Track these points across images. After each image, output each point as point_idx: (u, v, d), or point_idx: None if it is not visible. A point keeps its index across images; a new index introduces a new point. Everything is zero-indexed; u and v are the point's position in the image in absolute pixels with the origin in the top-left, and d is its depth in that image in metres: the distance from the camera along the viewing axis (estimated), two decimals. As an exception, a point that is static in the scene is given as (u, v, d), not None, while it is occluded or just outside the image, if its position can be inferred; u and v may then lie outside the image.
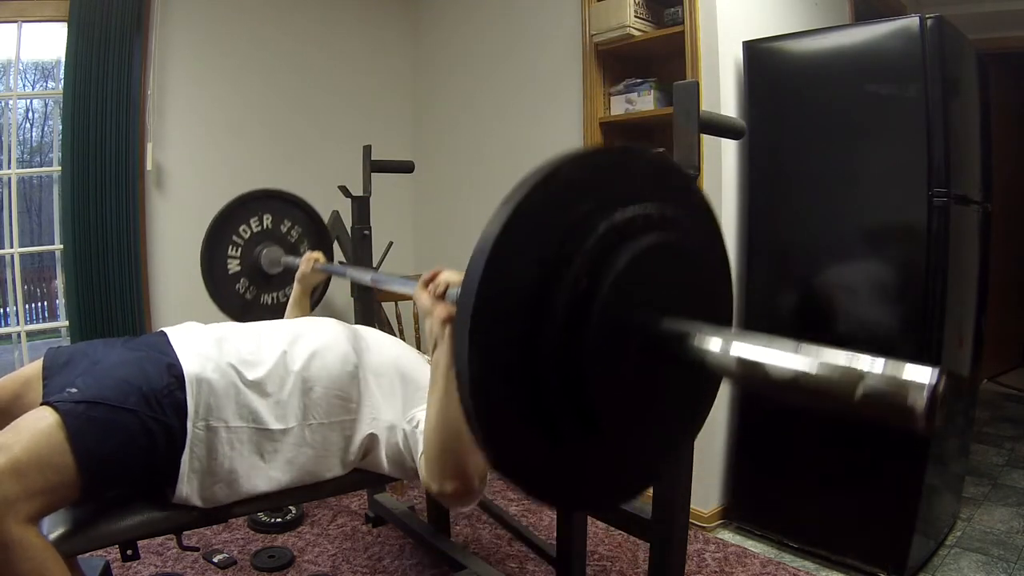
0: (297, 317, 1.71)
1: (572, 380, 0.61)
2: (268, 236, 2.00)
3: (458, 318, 0.59)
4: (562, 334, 0.61)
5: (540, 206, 0.61)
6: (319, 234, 2.10)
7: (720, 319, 0.75)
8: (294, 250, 2.03)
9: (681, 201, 0.74)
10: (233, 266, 1.94)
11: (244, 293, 1.97)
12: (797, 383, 0.55)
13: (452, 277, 0.99)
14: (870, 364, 0.52)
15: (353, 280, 1.64)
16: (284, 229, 2.03)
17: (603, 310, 0.62)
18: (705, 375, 0.67)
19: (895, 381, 0.51)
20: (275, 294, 2.03)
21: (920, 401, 0.49)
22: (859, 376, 0.52)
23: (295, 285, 1.77)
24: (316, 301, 1.93)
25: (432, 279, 1.01)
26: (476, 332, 0.58)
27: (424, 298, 1.01)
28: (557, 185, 0.63)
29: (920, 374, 0.50)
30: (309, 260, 1.76)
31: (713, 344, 0.61)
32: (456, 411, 0.98)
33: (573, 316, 0.61)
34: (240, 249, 1.95)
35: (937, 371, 0.50)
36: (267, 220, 2.00)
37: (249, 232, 1.96)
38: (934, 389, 0.49)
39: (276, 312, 1.99)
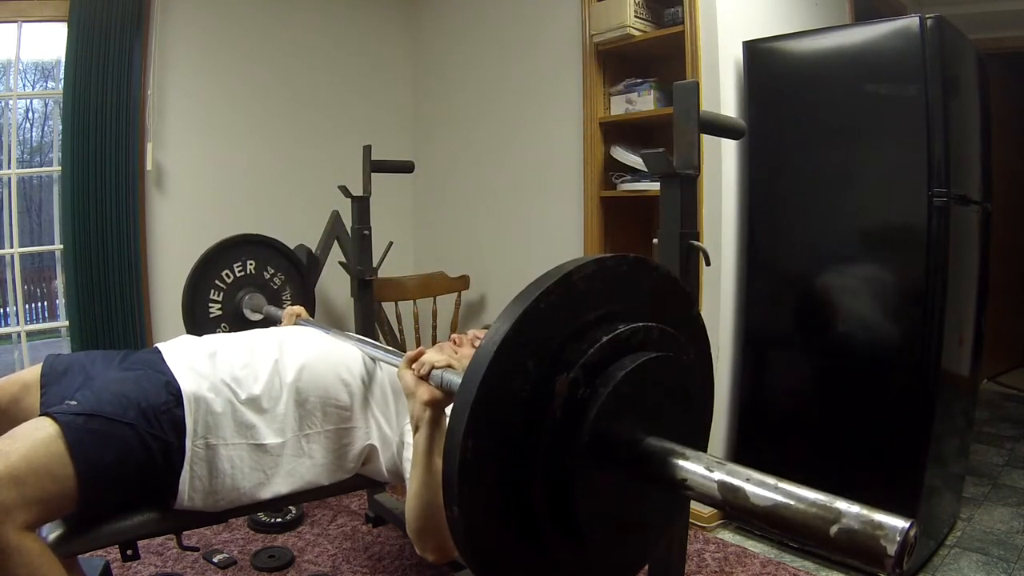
0: None
1: (558, 487, 0.62)
2: (251, 282, 2.01)
3: (452, 417, 0.59)
4: (554, 440, 0.61)
5: (547, 311, 0.62)
6: (302, 283, 2.10)
7: (697, 441, 0.76)
8: (276, 297, 2.03)
9: (680, 322, 0.76)
10: (215, 310, 1.95)
11: None
12: (774, 513, 0.57)
13: (436, 358, 1.01)
14: (846, 506, 0.53)
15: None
16: (267, 275, 2.03)
17: (597, 420, 0.62)
18: (679, 495, 0.67)
19: (870, 525, 0.52)
20: None
21: (891, 549, 0.50)
22: (836, 514, 0.53)
23: None
24: None
25: (416, 358, 1.03)
26: (469, 435, 0.58)
27: (408, 378, 1.02)
28: (567, 291, 0.64)
29: (894, 524, 0.51)
30: (291, 316, 1.75)
31: (697, 468, 0.63)
32: (436, 493, 0.99)
33: (567, 423, 0.62)
34: (223, 293, 1.96)
35: (909, 525, 0.50)
36: (251, 266, 2.01)
37: (232, 276, 1.97)
38: (905, 539, 0.50)
39: None
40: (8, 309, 2.52)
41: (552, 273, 0.63)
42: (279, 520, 2.17)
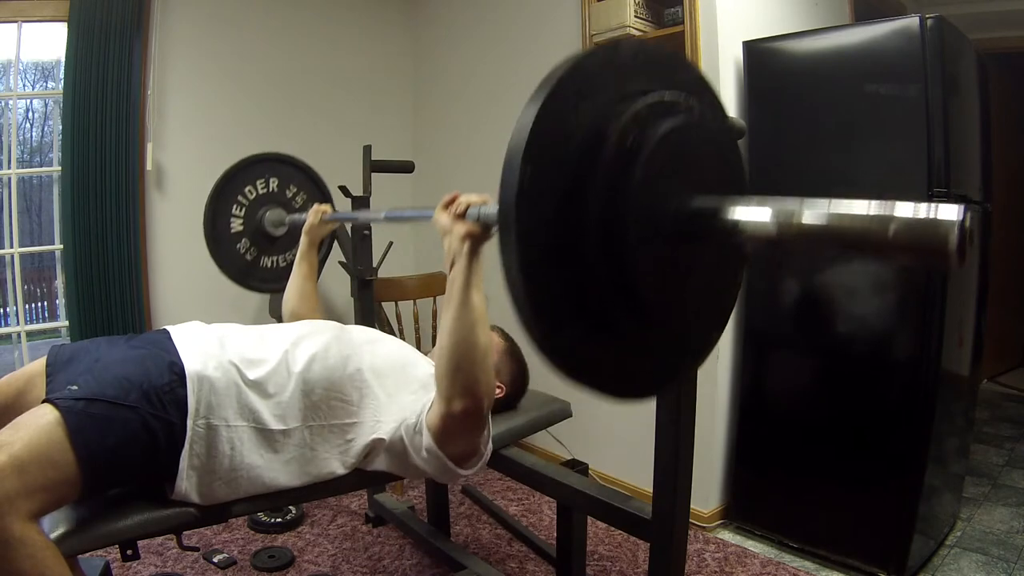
0: (305, 272, 1.74)
1: (615, 254, 0.64)
2: (273, 199, 2.00)
3: (509, 149, 0.61)
4: (607, 181, 0.63)
5: (598, 67, 0.67)
6: (323, 202, 2.11)
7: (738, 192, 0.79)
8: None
9: (704, 96, 0.80)
10: (236, 225, 1.94)
11: (245, 254, 1.97)
12: (831, 230, 0.58)
13: (472, 197, 1.05)
14: (900, 207, 0.54)
15: (365, 222, 1.62)
16: (289, 194, 2.03)
17: (647, 167, 0.64)
18: (734, 251, 0.72)
19: (926, 219, 0.52)
20: (276, 257, 2.03)
21: (952, 236, 0.50)
22: (890, 217, 0.54)
23: (302, 238, 1.77)
24: (322, 258, 1.94)
25: (452, 201, 1.07)
26: (528, 160, 0.60)
27: (444, 218, 1.07)
28: (615, 58, 0.69)
29: (949, 212, 0.51)
30: (317, 211, 1.76)
31: (746, 210, 0.64)
32: (470, 326, 1.04)
33: (619, 167, 0.64)
34: (244, 209, 1.95)
35: (964, 207, 0.50)
36: (273, 183, 2.00)
37: (254, 193, 1.96)
38: (963, 225, 0.50)
39: (277, 275, 1.99)
40: (8, 309, 2.53)
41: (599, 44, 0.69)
42: (279, 520, 2.17)
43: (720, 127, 0.81)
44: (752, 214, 0.63)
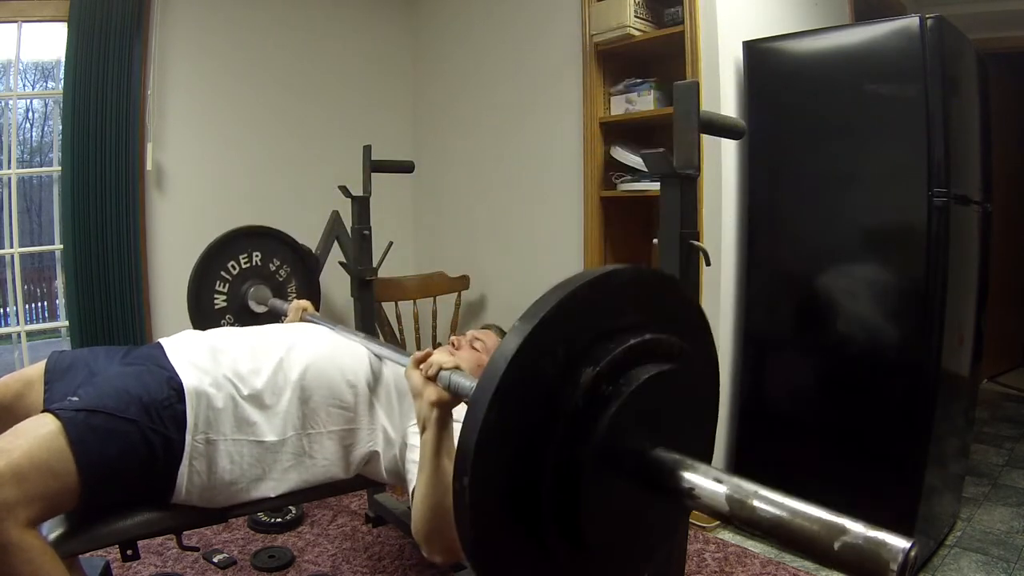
0: None
1: (567, 480, 0.63)
2: (256, 274, 1.99)
3: (478, 390, 0.60)
4: (572, 429, 0.62)
5: (585, 304, 0.65)
6: (308, 275, 2.09)
7: (704, 458, 0.77)
8: (281, 289, 2.02)
9: (685, 324, 0.78)
10: (220, 301, 1.93)
11: None
12: (780, 527, 0.58)
13: (444, 359, 1.01)
14: (851, 523, 0.54)
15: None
16: (273, 268, 2.02)
17: (616, 418, 0.63)
18: (684, 506, 0.68)
19: (873, 542, 0.53)
20: None
21: (895, 564, 0.51)
22: (840, 530, 0.54)
23: None
24: None
25: (424, 359, 1.03)
26: (494, 405, 0.59)
27: (416, 378, 1.03)
28: (605, 290, 0.67)
29: (896, 542, 0.51)
30: (297, 310, 1.74)
31: (705, 480, 0.63)
32: (443, 491, 0.99)
33: (587, 416, 0.63)
34: (228, 285, 1.94)
35: (911, 544, 0.51)
36: (256, 257, 1.99)
37: (238, 268, 1.95)
38: (906, 558, 0.51)
39: None
40: (8, 309, 2.53)
41: (592, 271, 0.66)
42: (279, 520, 2.17)
43: (702, 368, 0.80)
44: (710, 487, 0.62)
